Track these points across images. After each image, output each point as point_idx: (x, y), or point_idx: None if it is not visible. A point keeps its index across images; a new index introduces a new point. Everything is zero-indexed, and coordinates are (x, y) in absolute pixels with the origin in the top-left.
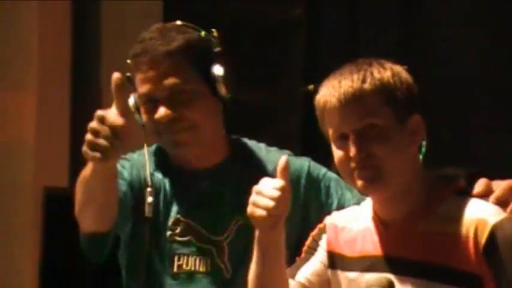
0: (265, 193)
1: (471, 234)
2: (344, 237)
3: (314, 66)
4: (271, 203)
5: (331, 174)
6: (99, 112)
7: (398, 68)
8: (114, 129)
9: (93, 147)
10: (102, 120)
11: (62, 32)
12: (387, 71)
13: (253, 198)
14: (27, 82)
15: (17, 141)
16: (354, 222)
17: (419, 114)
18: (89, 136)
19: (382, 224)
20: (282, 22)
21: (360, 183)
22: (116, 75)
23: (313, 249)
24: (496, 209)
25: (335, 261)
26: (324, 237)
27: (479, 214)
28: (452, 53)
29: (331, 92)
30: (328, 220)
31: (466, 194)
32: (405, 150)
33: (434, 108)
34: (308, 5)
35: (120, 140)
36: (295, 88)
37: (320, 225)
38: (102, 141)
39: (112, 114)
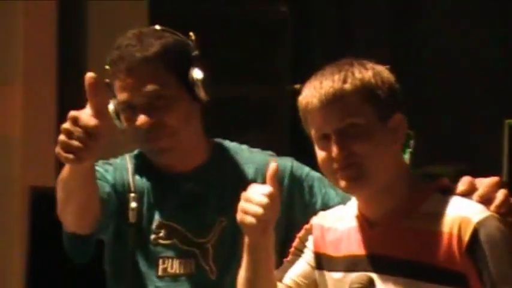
0: (254, 200)
1: (455, 232)
2: (330, 237)
3: (303, 63)
4: (260, 210)
5: (314, 174)
6: (72, 113)
7: (380, 68)
8: (87, 130)
9: (66, 148)
10: (75, 121)
11: (48, 30)
12: (368, 71)
13: (242, 205)
14: (14, 81)
15: (2, 139)
16: (339, 222)
17: (401, 113)
18: (62, 137)
19: (366, 222)
20: (270, 20)
21: (343, 183)
22: (88, 75)
23: (300, 251)
24: (480, 207)
25: (321, 262)
26: (311, 238)
27: (462, 212)
28: (446, 51)
29: (312, 92)
30: (315, 220)
31: (449, 192)
32: (387, 149)
33: (425, 107)
34: (297, 3)
35: (93, 141)
36: (284, 86)
37: (306, 226)
38: (75, 143)
39: (85, 115)
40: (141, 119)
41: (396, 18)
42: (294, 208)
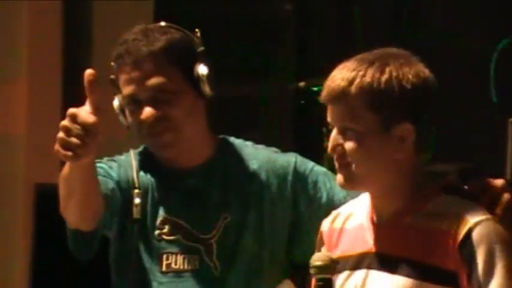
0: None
1: (452, 232)
2: (341, 239)
3: (305, 61)
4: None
5: (319, 169)
6: (71, 110)
7: (403, 71)
8: (85, 127)
9: (65, 145)
10: (73, 118)
11: (53, 28)
12: (384, 75)
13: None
14: (18, 79)
15: (7, 137)
16: (348, 221)
17: (410, 121)
18: (60, 134)
19: (374, 220)
20: (273, 18)
21: (338, 177)
22: (88, 72)
23: None
24: (480, 208)
25: (334, 267)
26: (323, 250)
27: (462, 213)
28: (446, 51)
29: (326, 83)
30: (324, 226)
31: (455, 191)
32: (386, 157)
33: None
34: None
35: (91, 138)
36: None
37: (318, 238)
38: (73, 140)
39: (83, 112)
40: (146, 111)
41: (396, 18)
42: (298, 204)
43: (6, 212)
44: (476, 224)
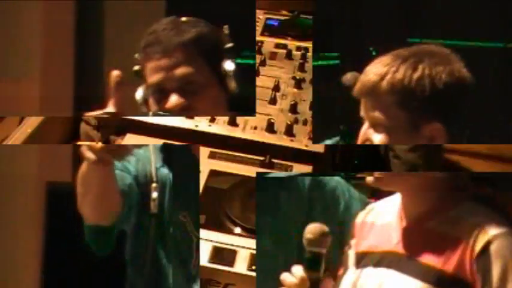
0: None
1: (470, 242)
2: (372, 234)
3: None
4: None
5: (338, 178)
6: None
7: (436, 69)
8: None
9: (89, 147)
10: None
11: (65, 27)
12: (417, 72)
13: None
14: (30, 76)
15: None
16: (379, 218)
17: (440, 121)
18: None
19: (403, 219)
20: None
21: (368, 176)
22: (115, 73)
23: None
24: (502, 220)
25: (361, 260)
26: (353, 242)
27: (484, 223)
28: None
29: (361, 76)
30: (359, 218)
31: (483, 199)
32: None
33: None
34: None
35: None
36: None
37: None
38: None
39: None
40: (172, 100)
41: (396, 18)
42: (313, 211)
43: (17, 211)
44: (496, 237)
